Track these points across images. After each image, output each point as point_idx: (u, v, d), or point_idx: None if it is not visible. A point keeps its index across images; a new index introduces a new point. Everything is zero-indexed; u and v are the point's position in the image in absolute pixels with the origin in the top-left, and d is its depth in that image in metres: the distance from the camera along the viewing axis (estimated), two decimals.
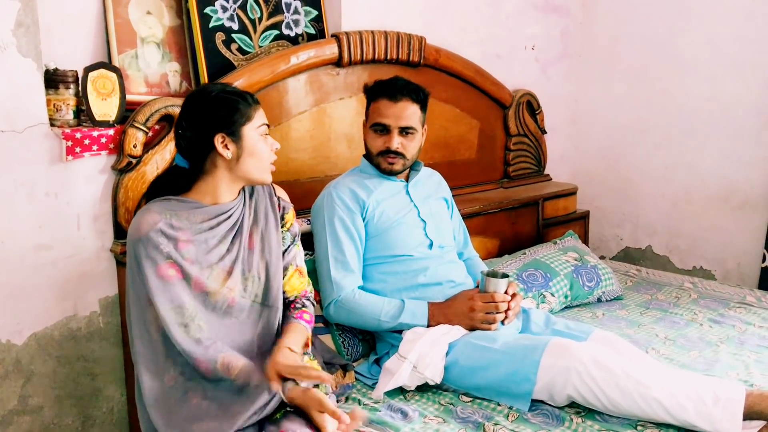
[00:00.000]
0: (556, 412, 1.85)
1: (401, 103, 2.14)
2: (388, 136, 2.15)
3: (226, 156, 1.72)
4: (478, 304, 2.06)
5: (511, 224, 3.04)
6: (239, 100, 1.74)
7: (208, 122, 1.71)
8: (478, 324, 2.06)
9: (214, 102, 1.73)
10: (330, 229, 2.13)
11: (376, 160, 2.20)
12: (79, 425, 2.14)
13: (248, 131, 1.74)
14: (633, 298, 2.84)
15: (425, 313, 2.09)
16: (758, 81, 3.07)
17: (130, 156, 2.05)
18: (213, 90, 1.76)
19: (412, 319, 2.08)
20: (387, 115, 2.14)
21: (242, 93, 1.77)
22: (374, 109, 2.18)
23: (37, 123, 1.93)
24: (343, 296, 2.08)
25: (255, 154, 1.75)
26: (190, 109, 1.76)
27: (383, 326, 2.09)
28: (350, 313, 2.09)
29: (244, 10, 2.41)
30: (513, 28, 3.30)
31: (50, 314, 2.04)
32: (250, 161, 1.75)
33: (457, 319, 2.07)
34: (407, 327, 2.08)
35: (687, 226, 3.39)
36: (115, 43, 2.14)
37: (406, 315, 2.07)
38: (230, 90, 1.77)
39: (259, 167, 1.77)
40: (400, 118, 2.14)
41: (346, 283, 2.09)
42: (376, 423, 1.81)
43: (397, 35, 2.67)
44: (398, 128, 2.14)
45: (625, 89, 3.53)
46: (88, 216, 2.07)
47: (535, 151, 3.39)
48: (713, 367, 2.13)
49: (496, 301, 2.06)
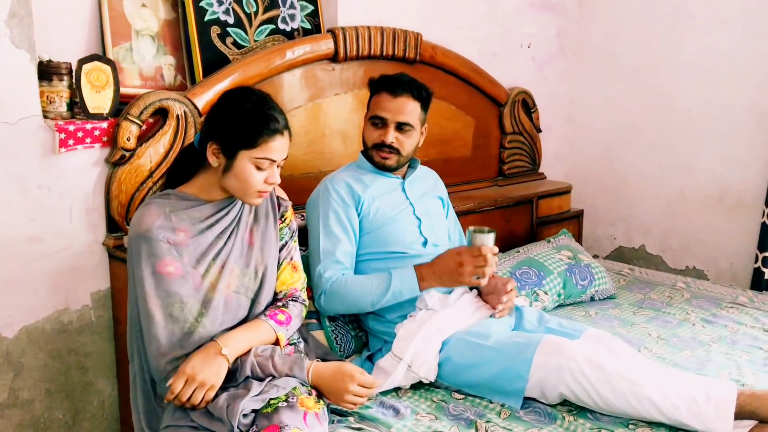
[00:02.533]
0: (548, 410, 1.85)
1: (401, 98, 2.13)
2: (384, 129, 2.15)
3: (212, 163, 1.71)
4: (466, 258, 1.98)
5: (505, 222, 3.04)
6: (258, 125, 1.66)
7: (216, 125, 1.71)
8: (467, 279, 1.98)
9: (234, 110, 1.69)
10: (324, 221, 2.12)
11: (370, 153, 2.20)
12: (70, 419, 2.13)
13: (244, 156, 1.68)
14: (626, 297, 2.84)
15: (413, 277, 2.04)
16: (753, 82, 3.08)
17: (123, 149, 2.04)
18: (248, 100, 1.70)
19: (402, 286, 2.03)
20: (386, 109, 2.14)
21: (269, 118, 1.68)
22: (375, 102, 2.17)
23: (31, 115, 1.92)
24: (330, 285, 2.06)
25: (240, 178, 1.70)
26: (220, 103, 1.75)
27: (377, 302, 2.04)
28: (342, 299, 2.05)
29: (239, 4, 2.40)
30: (509, 26, 3.30)
31: (42, 307, 2.03)
32: (234, 182, 1.71)
33: (446, 276, 2.01)
34: (401, 296, 2.04)
35: (680, 226, 3.40)
36: (110, 35, 2.13)
37: (396, 283, 2.03)
38: (260, 109, 1.68)
39: (241, 191, 1.72)
40: (398, 112, 2.13)
41: (332, 273, 2.07)
42: (368, 420, 1.81)
43: (393, 31, 2.66)
44: (395, 123, 2.13)
45: (621, 89, 3.54)
46: (81, 209, 2.06)
47: (530, 150, 3.39)
48: (705, 366, 2.13)
49: (483, 254, 1.98)
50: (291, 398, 1.62)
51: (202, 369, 1.59)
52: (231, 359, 1.64)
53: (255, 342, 1.72)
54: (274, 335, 1.76)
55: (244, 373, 1.66)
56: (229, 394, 1.62)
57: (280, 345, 1.77)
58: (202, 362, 1.60)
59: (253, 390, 1.61)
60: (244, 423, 1.57)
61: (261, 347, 1.71)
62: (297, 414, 1.58)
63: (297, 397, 1.63)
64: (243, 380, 1.66)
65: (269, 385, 1.64)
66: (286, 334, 1.80)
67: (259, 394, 1.61)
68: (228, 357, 1.63)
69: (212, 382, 1.59)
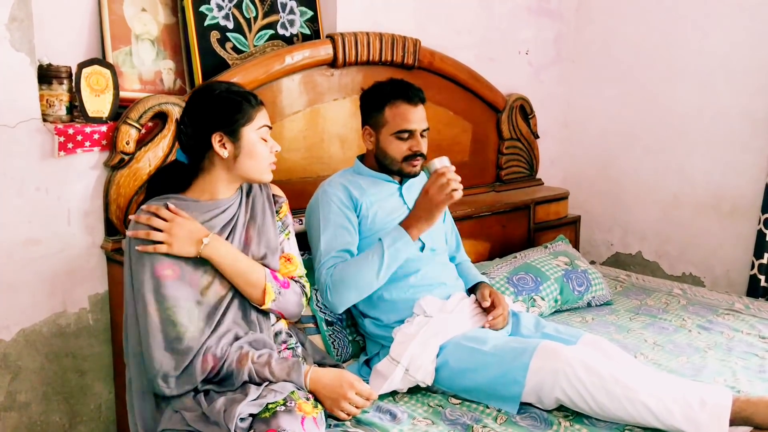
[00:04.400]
0: (545, 415, 1.86)
1: (419, 106, 2.17)
2: (413, 140, 2.16)
3: (222, 155, 1.73)
4: (431, 187, 1.98)
5: (502, 228, 3.05)
6: (242, 101, 1.74)
7: (209, 120, 1.72)
8: (442, 198, 1.96)
9: (216, 100, 1.73)
10: (324, 223, 2.12)
11: (399, 166, 2.18)
12: (67, 422, 2.13)
13: (248, 132, 1.74)
14: (622, 303, 2.85)
15: (401, 230, 2.02)
16: (749, 88, 3.09)
17: (122, 153, 2.05)
18: (218, 88, 1.76)
19: (394, 242, 2.01)
20: (412, 120, 2.15)
21: (246, 93, 1.77)
22: (396, 114, 2.14)
23: (30, 118, 1.93)
24: (331, 276, 2.04)
25: (253, 155, 1.76)
26: (193, 105, 1.77)
27: (380, 272, 2.01)
28: (346, 284, 2.02)
29: (239, 9, 2.41)
30: (507, 32, 3.32)
31: (39, 310, 2.04)
32: (248, 162, 1.76)
33: (424, 213, 2.00)
34: (399, 254, 2.02)
35: (677, 233, 3.41)
36: (110, 39, 2.14)
37: (387, 241, 2.01)
38: (235, 90, 1.77)
39: (257, 168, 1.78)
40: (422, 120, 2.17)
41: (333, 264, 2.07)
42: (364, 424, 1.81)
43: (392, 37, 2.68)
44: (420, 131, 2.17)
45: (617, 95, 3.55)
46: (79, 212, 2.06)
47: (527, 155, 3.40)
48: (701, 372, 2.14)
49: (440, 173, 1.96)
50: (289, 403, 1.62)
51: (182, 228, 1.67)
52: (204, 252, 1.69)
53: (240, 263, 1.73)
54: (262, 282, 1.76)
55: (242, 378, 1.66)
56: (227, 398, 1.62)
57: (265, 299, 1.76)
58: (188, 227, 1.68)
59: (251, 394, 1.61)
60: (242, 427, 1.57)
61: (258, 353, 1.71)
62: (295, 418, 1.59)
63: (295, 401, 1.63)
64: (240, 385, 1.66)
65: (266, 389, 1.65)
66: (275, 290, 1.78)
67: (257, 398, 1.62)
68: (203, 247, 1.68)
69: (176, 235, 1.67)
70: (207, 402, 1.64)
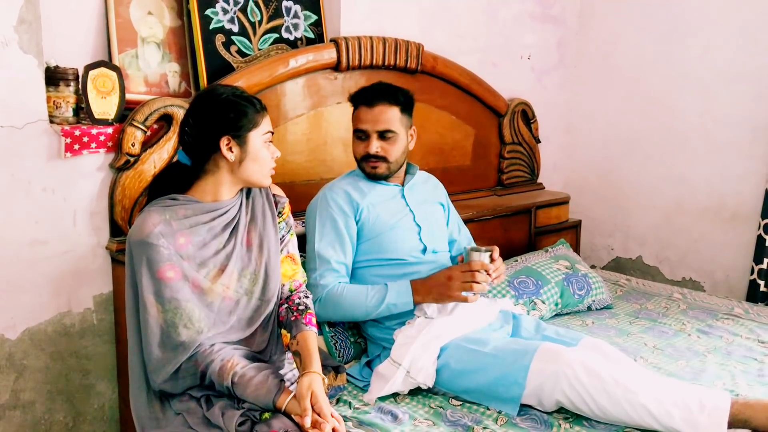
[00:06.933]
0: (545, 417, 1.87)
1: (378, 107, 2.16)
2: (367, 141, 2.18)
3: (229, 158, 1.74)
4: (456, 273, 2.06)
5: (503, 231, 3.07)
6: (248, 105, 1.76)
7: (216, 123, 1.73)
8: (456, 293, 2.04)
9: (223, 104, 1.74)
10: (321, 229, 2.14)
11: (361, 166, 2.24)
12: (71, 421, 2.14)
13: (254, 137, 1.76)
14: (622, 307, 2.86)
15: (409, 290, 2.08)
16: (750, 95, 3.11)
17: (128, 154, 2.07)
18: (223, 92, 1.78)
19: (397, 299, 2.08)
20: (364, 121, 2.17)
21: (251, 98, 1.79)
22: (355, 116, 2.21)
23: (37, 119, 1.95)
24: (326, 292, 2.09)
25: (258, 160, 1.78)
26: (199, 108, 1.78)
27: (371, 313, 2.09)
28: (336, 307, 2.09)
29: (244, 13, 2.43)
30: (510, 37, 3.33)
31: (44, 310, 2.05)
32: (253, 166, 1.78)
33: (436, 290, 2.07)
34: (395, 309, 2.08)
35: (677, 238, 3.42)
36: (116, 42, 2.16)
37: (391, 295, 2.07)
38: (240, 94, 1.79)
39: (260, 172, 1.80)
40: (377, 122, 2.16)
41: (329, 281, 2.10)
42: (366, 425, 1.83)
43: (395, 41, 2.70)
44: (376, 132, 2.17)
45: (619, 100, 3.57)
46: (85, 213, 2.08)
47: (528, 160, 3.42)
48: (700, 376, 2.15)
49: (472, 270, 2.04)
50: None
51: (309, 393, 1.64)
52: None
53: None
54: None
55: (222, 390, 1.68)
56: (225, 403, 1.64)
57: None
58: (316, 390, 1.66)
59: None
60: (242, 430, 1.59)
61: (243, 369, 1.66)
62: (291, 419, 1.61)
63: None
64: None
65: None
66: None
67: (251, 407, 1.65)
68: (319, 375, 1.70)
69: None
70: (207, 407, 1.66)
